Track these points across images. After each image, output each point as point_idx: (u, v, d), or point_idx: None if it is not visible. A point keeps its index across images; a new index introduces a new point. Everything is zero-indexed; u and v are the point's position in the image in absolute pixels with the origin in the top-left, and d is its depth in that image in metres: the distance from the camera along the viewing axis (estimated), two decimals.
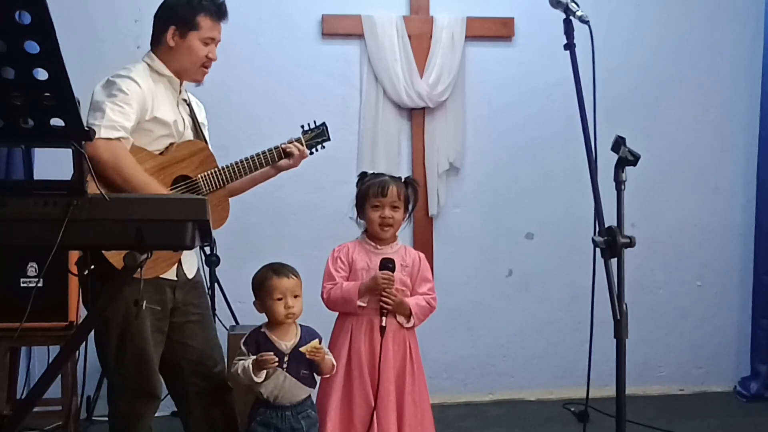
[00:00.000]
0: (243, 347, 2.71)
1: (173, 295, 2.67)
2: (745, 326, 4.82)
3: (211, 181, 2.72)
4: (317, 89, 4.46)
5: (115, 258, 2.37)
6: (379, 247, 3.00)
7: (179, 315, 2.71)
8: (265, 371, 2.62)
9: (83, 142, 1.67)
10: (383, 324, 2.86)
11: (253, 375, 2.61)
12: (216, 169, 2.76)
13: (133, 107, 2.51)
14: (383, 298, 2.87)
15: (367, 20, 4.44)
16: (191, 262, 2.77)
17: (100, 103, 2.48)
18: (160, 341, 2.66)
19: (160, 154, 2.64)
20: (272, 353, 2.62)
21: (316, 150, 3.04)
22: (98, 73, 2.60)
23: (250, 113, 4.38)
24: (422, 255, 3.09)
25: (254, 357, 2.63)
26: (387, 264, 2.87)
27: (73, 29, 4.07)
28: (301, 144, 2.96)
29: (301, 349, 2.65)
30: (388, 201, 2.95)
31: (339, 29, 4.48)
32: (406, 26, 4.47)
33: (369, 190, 2.98)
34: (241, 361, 2.66)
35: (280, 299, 2.69)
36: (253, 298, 2.78)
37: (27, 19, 1.44)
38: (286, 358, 2.68)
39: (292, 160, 2.93)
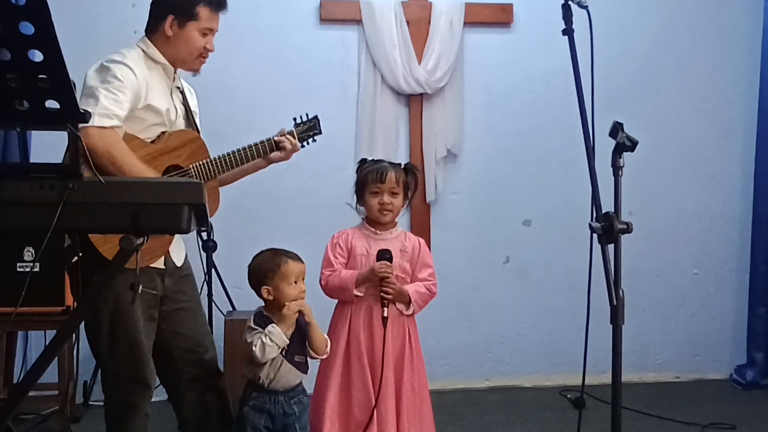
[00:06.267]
0: (253, 324, 2.68)
1: (162, 283, 2.66)
2: (741, 314, 4.83)
3: (202, 172, 2.69)
4: (315, 75, 4.44)
5: (104, 247, 2.37)
6: (378, 232, 2.99)
7: (169, 303, 2.70)
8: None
9: (78, 126, 1.66)
10: (385, 315, 2.84)
11: (284, 336, 2.61)
12: (207, 159, 2.73)
13: (127, 95, 2.48)
14: (383, 288, 2.86)
15: (366, 6, 4.42)
16: (179, 249, 2.75)
17: (94, 89, 2.44)
18: (151, 329, 2.65)
19: (152, 142, 2.62)
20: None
21: (308, 143, 3.02)
22: (94, 56, 2.58)
23: (248, 99, 4.37)
24: (422, 240, 3.08)
25: (270, 329, 2.61)
26: (384, 255, 2.86)
27: (69, 12, 4.04)
28: (293, 137, 2.93)
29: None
30: (386, 187, 2.94)
31: (337, 15, 4.46)
32: (404, 12, 4.45)
33: (368, 176, 2.97)
34: (259, 335, 2.61)
35: (295, 283, 2.69)
36: (251, 284, 2.75)
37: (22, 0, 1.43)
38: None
39: (284, 153, 2.90)
